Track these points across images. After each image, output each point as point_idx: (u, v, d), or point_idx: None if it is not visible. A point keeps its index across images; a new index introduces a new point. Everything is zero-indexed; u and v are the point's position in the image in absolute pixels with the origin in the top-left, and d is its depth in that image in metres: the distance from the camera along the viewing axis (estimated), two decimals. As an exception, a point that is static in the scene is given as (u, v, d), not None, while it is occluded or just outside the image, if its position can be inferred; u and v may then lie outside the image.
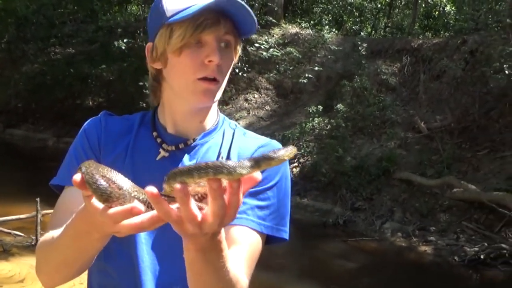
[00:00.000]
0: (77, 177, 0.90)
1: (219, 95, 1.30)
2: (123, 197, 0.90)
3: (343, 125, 11.09)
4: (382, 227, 9.09)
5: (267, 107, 13.73)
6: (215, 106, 1.39)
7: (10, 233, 6.61)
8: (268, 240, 1.28)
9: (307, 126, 11.36)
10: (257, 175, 0.84)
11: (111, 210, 0.89)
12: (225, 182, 0.83)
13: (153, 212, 0.90)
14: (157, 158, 1.32)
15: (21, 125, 15.99)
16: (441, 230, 8.79)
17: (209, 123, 1.38)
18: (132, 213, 0.88)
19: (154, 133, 1.35)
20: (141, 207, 0.89)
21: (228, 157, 1.33)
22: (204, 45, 1.22)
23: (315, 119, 11.49)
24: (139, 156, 1.33)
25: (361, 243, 8.60)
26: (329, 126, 11.40)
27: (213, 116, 1.39)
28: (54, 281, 1.26)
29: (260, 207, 1.25)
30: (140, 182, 1.20)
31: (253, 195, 1.26)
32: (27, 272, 5.60)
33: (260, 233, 1.24)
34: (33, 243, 6.40)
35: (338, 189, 10.08)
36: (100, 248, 1.15)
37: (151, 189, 0.83)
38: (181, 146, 1.33)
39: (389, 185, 9.96)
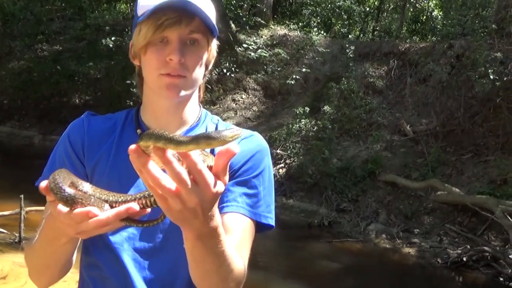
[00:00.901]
0: (43, 184, 0.99)
1: (189, 90, 1.32)
2: (86, 199, 0.98)
3: (330, 127, 11.14)
4: (366, 229, 9.16)
5: (255, 108, 13.75)
6: (195, 101, 1.41)
7: (-7, 229, 6.55)
8: (256, 228, 1.32)
9: (294, 127, 11.40)
10: (234, 148, 0.89)
11: (75, 211, 0.96)
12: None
13: (119, 208, 0.97)
14: None
15: (7, 122, 15.83)
16: (425, 232, 8.87)
17: (191, 118, 1.40)
18: (88, 215, 0.96)
19: (138, 130, 1.37)
20: (98, 211, 0.97)
21: (212, 152, 1.35)
22: (169, 43, 1.27)
23: (302, 120, 11.53)
24: (124, 154, 1.34)
25: (346, 244, 8.65)
26: (315, 128, 11.45)
27: (195, 111, 1.42)
28: (43, 282, 1.33)
29: (248, 195, 1.29)
30: (127, 179, 1.26)
31: (241, 183, 1.30)
32: (10, 268, 5.55)
33: (251, 219, 1.29)
34: (16, 240, 6.36)
35: (323, 190, 10.13)
36: (71, 250, 1.22)
37: (132, 146, 0.89)
38: None
39: (374, 187, 10.04)
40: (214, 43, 1.37)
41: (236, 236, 1.23)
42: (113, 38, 12.86)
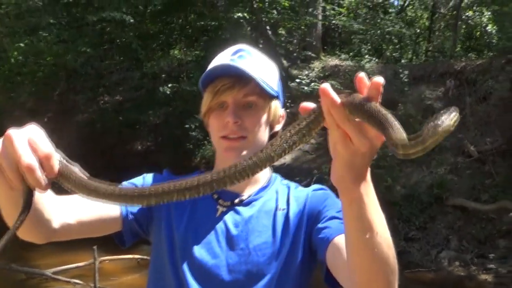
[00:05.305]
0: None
1: (251, 150, 1.38)
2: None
3: (390, 154, 10.95)
4: (438, 257, 8.86)
5: (313, 141, 13.71)
6: None
7: (69, 281, 6.80)
8: None
9: (353, 157, 11.28)
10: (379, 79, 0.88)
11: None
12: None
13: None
14: (217, 215, 1.44)
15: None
16: (501, 256, 8.50)
17: (262, 179, 1.49)
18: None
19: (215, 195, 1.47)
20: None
21: (287, 207, 1.44)
22: (226, 107, 1.38)
23: (361, 149, 11.40)
24: (199, 212, 1.45)
25: (418, 275, 8.39)
26: (375, 156, 11.25)
27: (265, 172, 1.50)
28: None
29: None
30: (203, 236, 1.40)
31: (332, 218, 1.35)
32: (88, 319, 5.75)
33: None
34: (92, 290, 6.58)
35: (389, 219, 9.86)
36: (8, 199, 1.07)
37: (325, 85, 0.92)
38: (236, 201, 1.44)
39: (443, 213, 9.73)
40: (276, 103, 1.45)
41: None
42: (169, 85, 13.29)
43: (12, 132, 0.94)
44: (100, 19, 13.36)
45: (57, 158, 0.97)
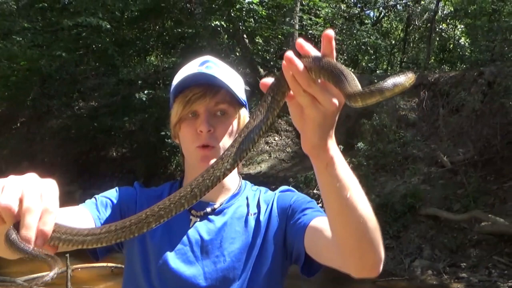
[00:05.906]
0: None
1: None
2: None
3: (365, 163, 11.07)
4: (411, 265, 8.96)
5: (288, 149, 13.81)
6: (235, 171, 1.49)
7: (41, 290, 6.67)
8: None
9: (329, 166, 11.35)
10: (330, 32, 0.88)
11: None
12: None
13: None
14: (191, 225, 1.45)
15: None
16: (472, 265, 8.62)
17: (232, 187, 1.51)
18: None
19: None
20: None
21: (258, 211, 1.48)
22: (198, 116, 1.40)
23: (336, 158, 11.47)
24: (172, 224, 1.43)
25: (391, 283, 8.46)
26: (350, 165, 11.31)
27: (235, 180, 1.52)
28: None
29: (318, 210, 1.38)
30: (178, 247, 1.41)
31: (305, 209, 1.40)
32: (59, 328, 5.66)
33: None
34: (64, 299, 6.47)
35: (364, 228, 9.97)
36: None
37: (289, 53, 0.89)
38: (208, 210, 1.46)
39: (416, 222, 9.86)
40: (245, 112, 1.47)
41: None
42: (145, 92, 13.22)
43: (29, 180, 0.92)
44: (75, 24, 13.24)
45: (55, 218, 0.91)
